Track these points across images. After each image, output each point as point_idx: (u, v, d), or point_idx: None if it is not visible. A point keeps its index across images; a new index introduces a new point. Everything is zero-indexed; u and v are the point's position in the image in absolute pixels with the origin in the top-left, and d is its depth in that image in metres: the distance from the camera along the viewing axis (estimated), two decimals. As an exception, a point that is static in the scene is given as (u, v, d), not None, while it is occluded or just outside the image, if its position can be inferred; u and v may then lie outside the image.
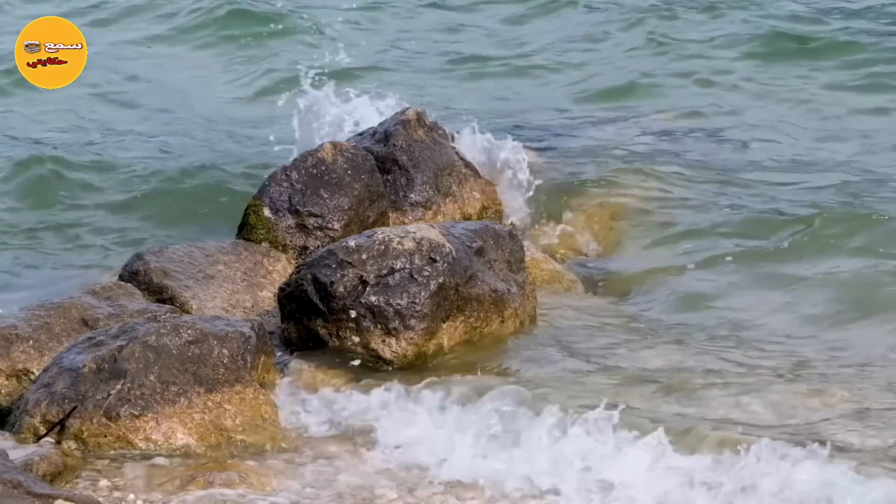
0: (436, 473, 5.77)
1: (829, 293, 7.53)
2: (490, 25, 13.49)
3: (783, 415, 6.01)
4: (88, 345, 6.16)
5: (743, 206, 8.77)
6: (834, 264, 7.88)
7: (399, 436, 6.02)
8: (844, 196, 8.86)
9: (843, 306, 7.39)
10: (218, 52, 12.84)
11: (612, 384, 6.29)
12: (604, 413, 5.76)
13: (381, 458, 5.93)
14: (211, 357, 6.10)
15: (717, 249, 8.19)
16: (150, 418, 5.95)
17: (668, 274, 7.96)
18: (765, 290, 7.66)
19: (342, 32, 12.94)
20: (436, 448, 5.90)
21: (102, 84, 12.20)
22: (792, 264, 7.91)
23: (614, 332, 7.06)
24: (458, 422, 5.99)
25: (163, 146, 10.55)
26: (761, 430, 5.77)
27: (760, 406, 6.07)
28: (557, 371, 6.50)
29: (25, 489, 5.15)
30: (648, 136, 10.12)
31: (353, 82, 10.35)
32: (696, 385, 6.25)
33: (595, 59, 12.29)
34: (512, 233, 7.28)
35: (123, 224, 9.18)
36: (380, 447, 6.00)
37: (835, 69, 11.56)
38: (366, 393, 6.32)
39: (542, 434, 5.82)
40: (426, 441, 5.96)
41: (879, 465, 5.44)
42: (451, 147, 8.53)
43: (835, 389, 6.24)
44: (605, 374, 6.46)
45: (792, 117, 10.60)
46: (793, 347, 6.94)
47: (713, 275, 7.91)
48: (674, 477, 5.54)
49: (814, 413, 6.03)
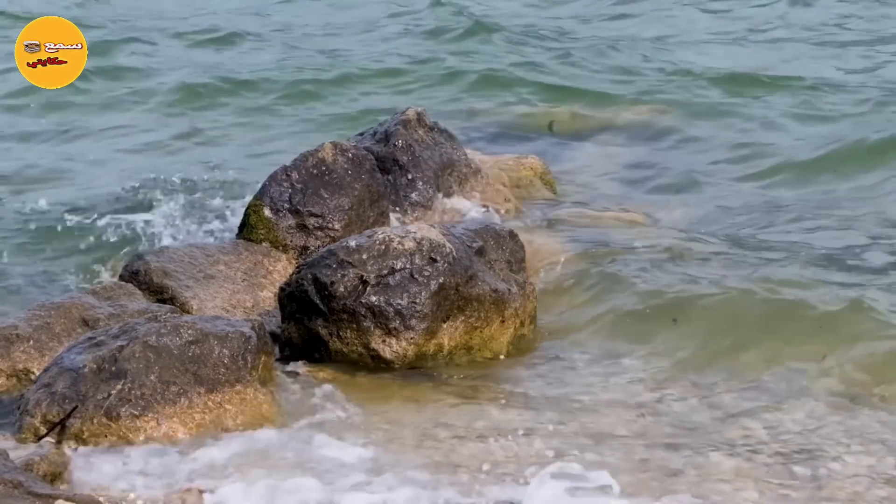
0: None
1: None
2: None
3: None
4: (89, 345, 6.16)
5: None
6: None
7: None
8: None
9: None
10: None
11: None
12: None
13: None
14: (211, 357, 6.10)
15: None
16: (150, 418, 5.94)
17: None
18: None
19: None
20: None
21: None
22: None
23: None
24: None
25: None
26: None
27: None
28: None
29: (26, 489, 5.15)
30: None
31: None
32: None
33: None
34: (512, 233, 7.28)
35: (123, 224, 9.19)
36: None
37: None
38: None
39: None
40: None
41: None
42: (451, 146, 8.54)
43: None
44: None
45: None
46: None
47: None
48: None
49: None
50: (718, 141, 10.53)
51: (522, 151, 9.79)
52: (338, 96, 12.27)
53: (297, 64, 13.23)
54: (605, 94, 11.82)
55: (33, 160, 10.64)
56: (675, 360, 6.82)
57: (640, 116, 11.13)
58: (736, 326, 7.06)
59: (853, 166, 9.73)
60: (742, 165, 9.98)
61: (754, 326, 7.05)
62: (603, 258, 7.95)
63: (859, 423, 6.08)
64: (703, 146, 10.44)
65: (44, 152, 10.91)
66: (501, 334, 6.93)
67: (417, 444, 5.97)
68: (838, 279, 7.65)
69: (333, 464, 5.73)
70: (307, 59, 13.53)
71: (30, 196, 9.67)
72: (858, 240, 8.39)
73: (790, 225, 8.73)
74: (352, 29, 15.11)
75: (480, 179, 8.61)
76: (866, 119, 10.78)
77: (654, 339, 7.07)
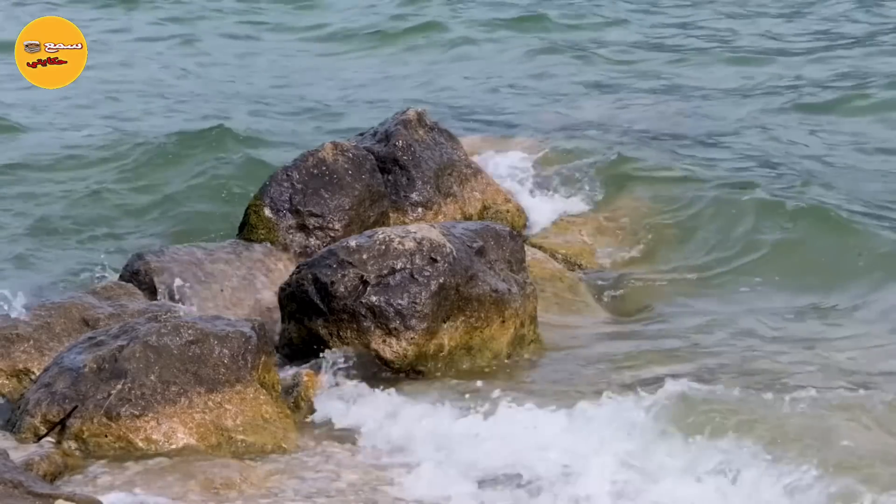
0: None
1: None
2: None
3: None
4: (89, 344, 6.16)
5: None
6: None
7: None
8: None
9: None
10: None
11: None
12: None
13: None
14: (211, 357, 6.09)
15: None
16: (150, 418, 5.94)
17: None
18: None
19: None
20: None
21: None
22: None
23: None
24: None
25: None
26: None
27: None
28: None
29: (26, 489, 5.14)
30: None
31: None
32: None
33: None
34: (512, 233, 7.28)
35: (123, 224, 9.20)
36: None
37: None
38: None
39: None
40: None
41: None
42: (451, 146, 8.54)
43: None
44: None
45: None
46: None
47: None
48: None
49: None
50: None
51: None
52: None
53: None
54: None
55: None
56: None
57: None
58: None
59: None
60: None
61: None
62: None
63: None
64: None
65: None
66: (502, 334, 6.92)
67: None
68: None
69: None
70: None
71: (31, 195, 9.69)
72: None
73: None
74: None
75: (481, 180, 8.61)
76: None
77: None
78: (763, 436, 5.66)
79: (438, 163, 8.33)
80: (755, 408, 5.89)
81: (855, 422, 5.83)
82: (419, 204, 8.19)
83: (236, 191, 9.33)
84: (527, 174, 9.36)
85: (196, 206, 9.37)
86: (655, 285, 8.15)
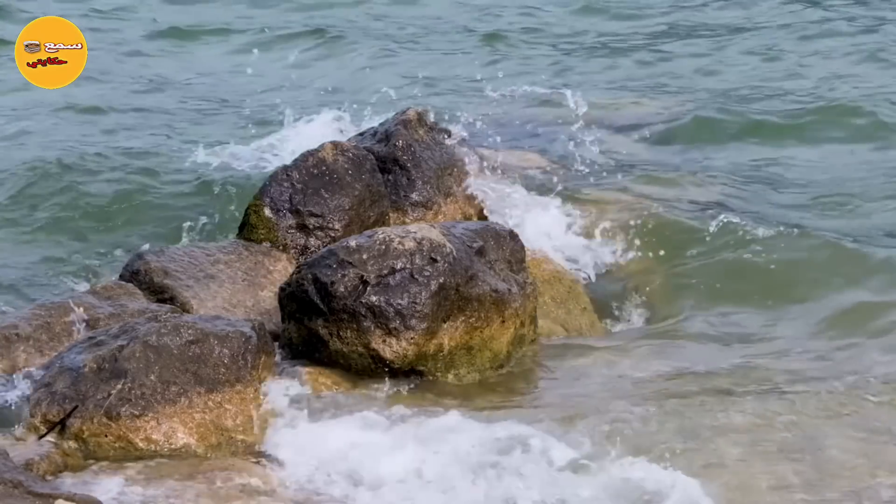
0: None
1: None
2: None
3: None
4: (89, 344, 6.16)
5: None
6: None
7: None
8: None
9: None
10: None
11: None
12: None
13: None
14: (211, 357, 6.09)
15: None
16: (150, 418, 5.94)
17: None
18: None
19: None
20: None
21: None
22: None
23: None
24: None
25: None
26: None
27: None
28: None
29: (26, 489, 5.15)
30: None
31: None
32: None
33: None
34: (513, 233, 7.28)
35: (123, 223, 9.20)
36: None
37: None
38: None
39: None
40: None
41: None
42: (451, 146, 8.54)
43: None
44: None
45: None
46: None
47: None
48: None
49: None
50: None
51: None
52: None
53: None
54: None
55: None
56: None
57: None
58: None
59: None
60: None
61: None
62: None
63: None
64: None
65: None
66: (502, 334, 6.92)
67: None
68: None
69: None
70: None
71: (31, 196, 9.69)
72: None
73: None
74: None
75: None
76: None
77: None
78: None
79: (438, 163, 8.33)
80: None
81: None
82: (419, 204, 8.19)
83: (235, 191, 9.33)
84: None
85: (196, 206, 9.37)
86: (657, 288, 8.14)
